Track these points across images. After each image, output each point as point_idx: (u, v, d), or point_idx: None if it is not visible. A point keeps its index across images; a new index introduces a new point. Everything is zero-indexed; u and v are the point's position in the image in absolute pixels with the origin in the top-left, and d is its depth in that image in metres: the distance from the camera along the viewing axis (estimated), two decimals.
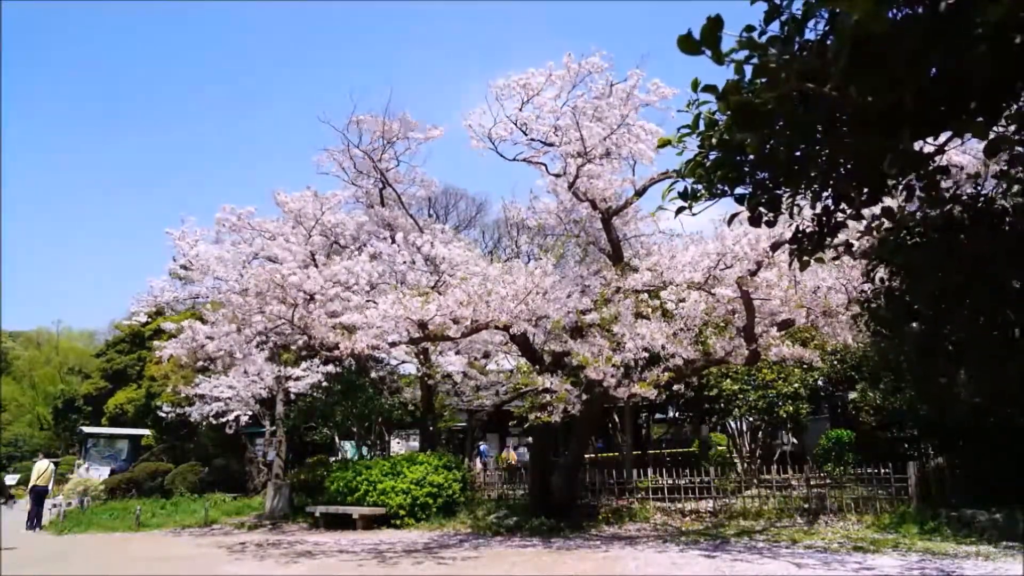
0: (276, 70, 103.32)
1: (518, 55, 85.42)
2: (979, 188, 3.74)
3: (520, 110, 12.71)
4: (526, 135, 12.97)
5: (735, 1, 2.46)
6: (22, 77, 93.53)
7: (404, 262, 14.59)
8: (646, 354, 11.77)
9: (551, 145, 12.81)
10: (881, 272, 3.84)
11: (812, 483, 13.65)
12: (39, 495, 18.80)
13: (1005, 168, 3.50)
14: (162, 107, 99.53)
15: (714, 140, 2.57)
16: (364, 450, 21.75)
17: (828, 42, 2.23)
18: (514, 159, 13.51)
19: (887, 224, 3.47)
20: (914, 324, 3.74)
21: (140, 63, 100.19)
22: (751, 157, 2.56)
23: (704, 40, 2.08)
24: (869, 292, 4.07)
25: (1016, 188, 3.54)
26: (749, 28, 2.21)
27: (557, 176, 13.26)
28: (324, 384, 18.05)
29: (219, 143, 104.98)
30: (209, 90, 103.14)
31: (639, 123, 12.33)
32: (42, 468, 19.09)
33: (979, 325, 3.41)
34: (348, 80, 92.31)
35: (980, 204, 3.54)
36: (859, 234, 3.77)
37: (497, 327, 11.99)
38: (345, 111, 30.43)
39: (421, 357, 17.76)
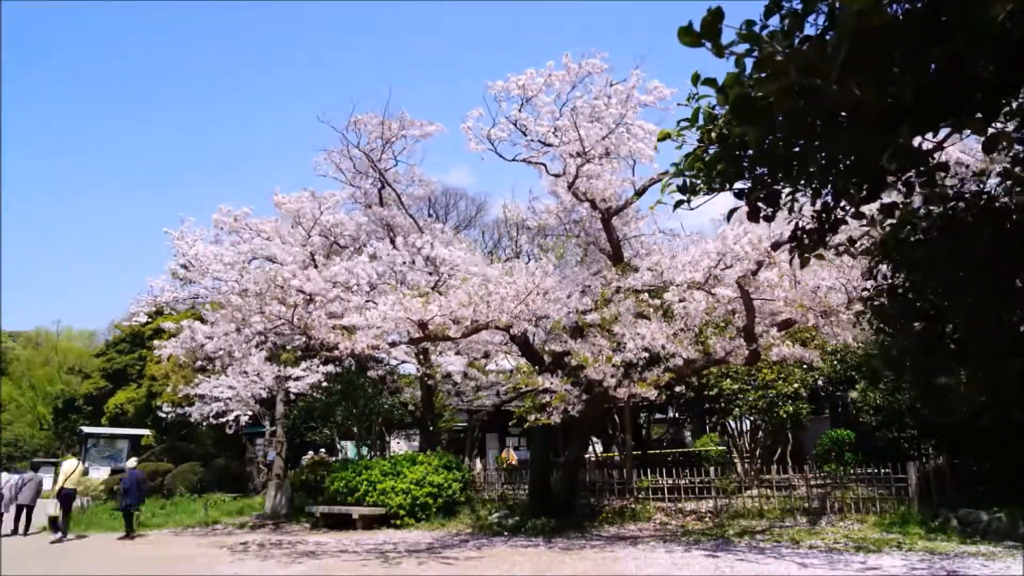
0: (278, 70, 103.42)
1: (520, 55, 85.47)
2: (982, 186, 3.74)
3: (519, 110, 12.71)
4: (525, 136, 12.98)
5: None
6: (23, 76, 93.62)
7: (404, 262, 14.58)
8: (646, 354, 11.76)
9: (550, 145, 12.81)
10: (884, 269, 3.83)
11: (813, 483, 13.64)
12: (67, 498, 16.67)
13: (1009, 166, 3.49)
14: (163, 107, 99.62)
15: (713, 134, 2.57)
16: (364, 450, 21.73)
17: (828, 36, 2.23)
18: (513, 159, 13.52)
19: (890, 221, 3.47)
20: (916, 322, 3.73)
21: (141, 64, 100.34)
22: (750, 151, 2.55)
23: (704, 32, 2.08)
24: (872, 289, 4.06)
25: (1019, 187, 3.53)
26: (750, 22, 2.21)
27: (557, 176, 13.25)
28: (324, 384, 18.04)
29: (220, 144, 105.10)
30: (210, 90, 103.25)
31: (638, 123, 12.33)
32: (69, 469, 17.17)
33: (981, 323, 3.41)
34: (347, 82, 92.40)
35: (983, 202, 3.54)
36: (862, 228, 3.76)
37: (497, 327, 11.99)
38: (344, 112, 30.49)
39: (421, 357, 17.75)
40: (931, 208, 3.30)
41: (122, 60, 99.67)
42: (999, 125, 2.90)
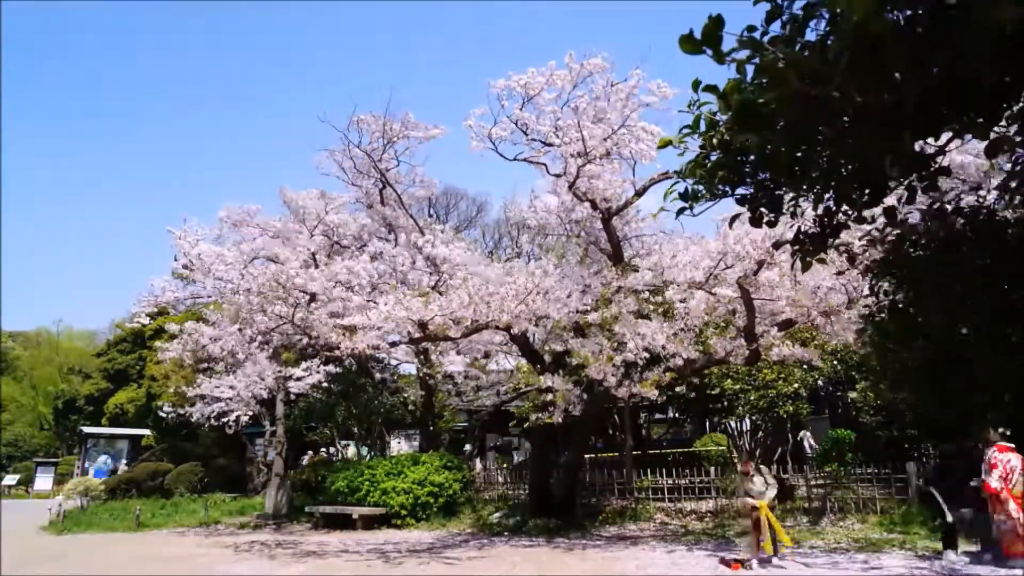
0: (278, 71, 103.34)
1: (520, 56, 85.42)
2: (981, 200, 3.73)
3: (521, 110, 12.70)
4: (526, 135, 12.96)
5: (736, 1, 2.46)
6: (24, 76, 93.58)
7: (405, 263, 14.59)
8: (647, 354, 11.76)
9: (551, 145, 12.81)
10: (885, 285, 3.82)
11: (813, 483, 13.64)
12: None
13: (1007, 179, 3.49)
14: (164, 107, 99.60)
15: (715, 141, 2.57)
16: (364, 450, 21.73)
17: (829, 42, 2.23)
18: (515, 159, 13.50)
19: (891, 235, 3.45)
20: (918, 338, 3.71)
21: (142, 64, 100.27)
22: (752, 158, 2.55)
23: (705, 40, 2.08)
24: (873, 306, 4.03)
25: (1018, 200, 3.53)
26: (750, 28, 2.21)
27: (558, 176, 13.25)
28: (325, 384, 18.03)
29: (221, 144, 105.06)
30: (211, 91, 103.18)
31: (639, 123, 12.31)
32: None
33: (983, 337, 3.39)
34: (349, 81, 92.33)
35: (982, 216, 3.53)
36: (863, 248, 3.75)
37: (498, 327, 11.99)
38: (346, 111, 30.47)
39: (421, 357, 17.75)
40: (931, 223, 3.30)
41: (125, 59, 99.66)
42: (1001, 129, 2.90)
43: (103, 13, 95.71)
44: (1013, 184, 3.06)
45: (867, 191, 2.69)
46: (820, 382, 16.21)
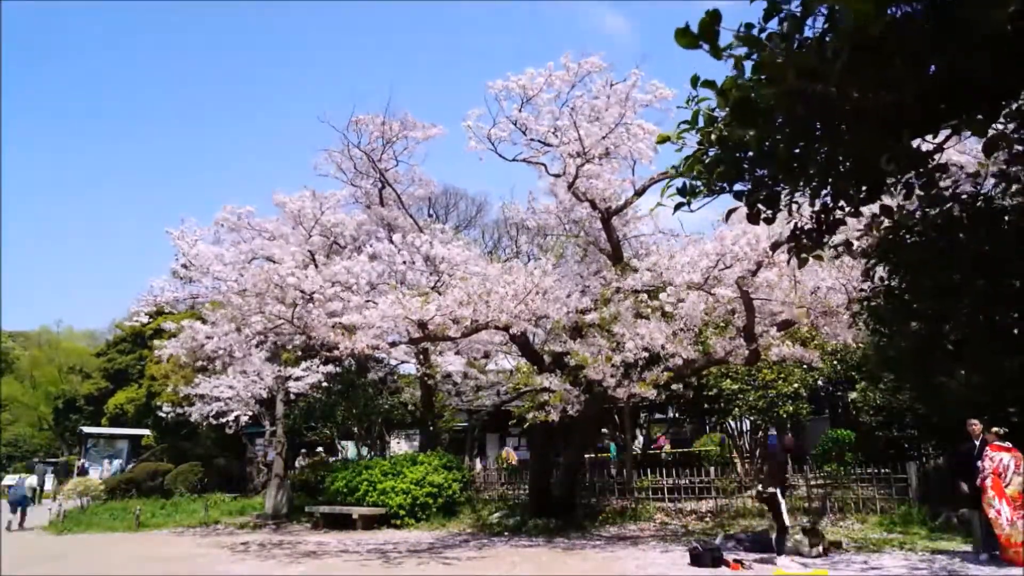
0: (278, 71, 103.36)
1: (520, 56, 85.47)
2: (978, 187, 3.74)
3: (519, 110, 12.69)
4: (525, 135, 12.96)
5: (735, 1, 2.46)
6: (24, 76, 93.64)
7: (404, 262, 14.57)
8: (646, 354, 11.75)
9: (550, 145, 12.80)
10: (881, 271, 3.83)
11: (813, 483, 13.63)
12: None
13: (1004, 167, 3.50)
14: (164, 107, 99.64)
15: (713, 136, 2.56)
16: (364, 450, 21.72)
17: (827, 40, 2.23)
18: (514, 159, 13.50)
19: (887, 222, 3.47)
20: (913, 323, 3.73)
21: (142, 64, 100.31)
22: (750, 153, 2.55)
23: (702, 34, 2.08)
24: (869, 290, 4.06)
25: (1015, 187, 3.53)
26: (748, 25, 2.21)
27: (557, 176, 13.24)
28: (324, 384, 18.03)
29: (220, 144, 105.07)
30: (210, 91, 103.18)
31: (637, 122, 12.30)
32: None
33: (978, 323, 3.41)
34: (349, 81, 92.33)
35: (979, 203, 3.54)
36: (859, 232, 3.76)
37: (497, 327, 11.98)
38: (345, 112, 30.47)
39: (421, 357, 17.74)
40: (928, 209, 3.31)
41: (124, 60, 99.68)
42: (999, 126, 2.90)
43: (103, 13, 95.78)
44: (1012, 170, 3.07)
45: (864, 187, 2.68)
46: (820, 382, 16.19)
